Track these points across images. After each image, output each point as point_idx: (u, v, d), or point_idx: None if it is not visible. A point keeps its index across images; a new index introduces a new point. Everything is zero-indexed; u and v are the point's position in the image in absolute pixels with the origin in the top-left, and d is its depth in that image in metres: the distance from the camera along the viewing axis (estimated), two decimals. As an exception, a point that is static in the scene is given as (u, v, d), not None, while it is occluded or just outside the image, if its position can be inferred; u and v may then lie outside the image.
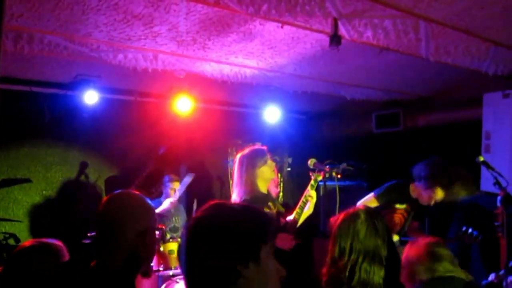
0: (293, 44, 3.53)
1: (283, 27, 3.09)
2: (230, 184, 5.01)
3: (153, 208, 1.89)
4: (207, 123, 5.61)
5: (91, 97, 4.76)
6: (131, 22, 3.04)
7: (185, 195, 5.12)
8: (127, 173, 5.37)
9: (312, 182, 3.88)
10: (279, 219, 3.88)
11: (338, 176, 4.03)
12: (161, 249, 4.36)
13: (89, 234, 3.97)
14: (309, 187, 3.87)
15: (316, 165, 3.90)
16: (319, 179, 3.89)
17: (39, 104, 4.83)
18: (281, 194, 6.63)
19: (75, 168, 5.21)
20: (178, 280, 4.23)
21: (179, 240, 3.81)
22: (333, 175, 4.03)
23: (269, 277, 1.30)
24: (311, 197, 3.85)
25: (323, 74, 4.51)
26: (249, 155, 3.84)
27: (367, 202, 3.97)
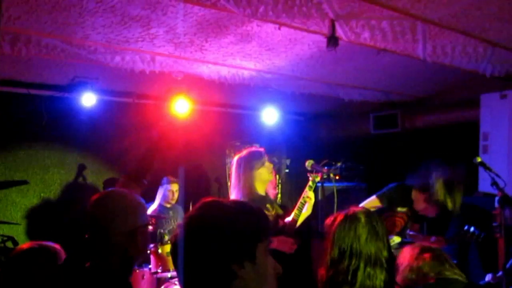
0: (291, 45, 3.53)
1: (280, 29, 3.09)
2: (228, 185, 5.01)
3: (143, 204, 1.87)
4: (205, 125, 5.61)
5: (88, 99, 4.76)
6: (128, 24, 3.03)
7: (183, 197, 5.11)
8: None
9: (310, 183, 3.89)
10: (278, 221, 3.88)
11: (336, 177, 4.03)
12: (159, 251, 4.36)
13: (86, 236, 3.96)
14: (307, 188, 3.88)
15: (314, 166, 3.91)
16: (317, 180, 3.90)
17: (37, 106, 4.82)
18: (279, 195, 6.63)
19: (73, 170, 5.20)
20: (176, 282, 4.23)
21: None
22: (331, 176, 4.03)
23: (266, 276, 1.25)
24: (309, 198, 3.86)
25: (321, 75, 4.51)
26: (246, 157, 3.84)
27: (371, 202, 3.96)
